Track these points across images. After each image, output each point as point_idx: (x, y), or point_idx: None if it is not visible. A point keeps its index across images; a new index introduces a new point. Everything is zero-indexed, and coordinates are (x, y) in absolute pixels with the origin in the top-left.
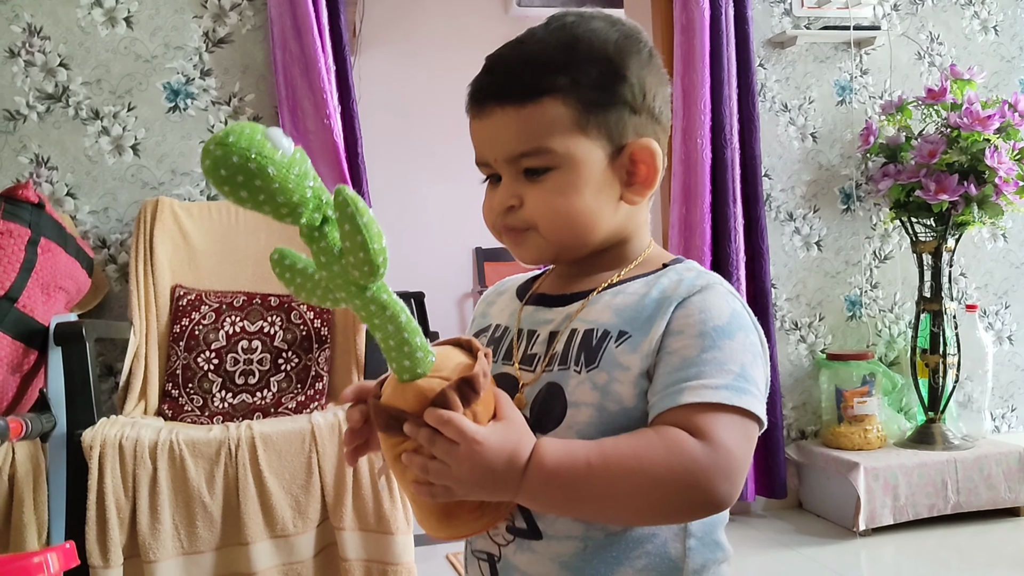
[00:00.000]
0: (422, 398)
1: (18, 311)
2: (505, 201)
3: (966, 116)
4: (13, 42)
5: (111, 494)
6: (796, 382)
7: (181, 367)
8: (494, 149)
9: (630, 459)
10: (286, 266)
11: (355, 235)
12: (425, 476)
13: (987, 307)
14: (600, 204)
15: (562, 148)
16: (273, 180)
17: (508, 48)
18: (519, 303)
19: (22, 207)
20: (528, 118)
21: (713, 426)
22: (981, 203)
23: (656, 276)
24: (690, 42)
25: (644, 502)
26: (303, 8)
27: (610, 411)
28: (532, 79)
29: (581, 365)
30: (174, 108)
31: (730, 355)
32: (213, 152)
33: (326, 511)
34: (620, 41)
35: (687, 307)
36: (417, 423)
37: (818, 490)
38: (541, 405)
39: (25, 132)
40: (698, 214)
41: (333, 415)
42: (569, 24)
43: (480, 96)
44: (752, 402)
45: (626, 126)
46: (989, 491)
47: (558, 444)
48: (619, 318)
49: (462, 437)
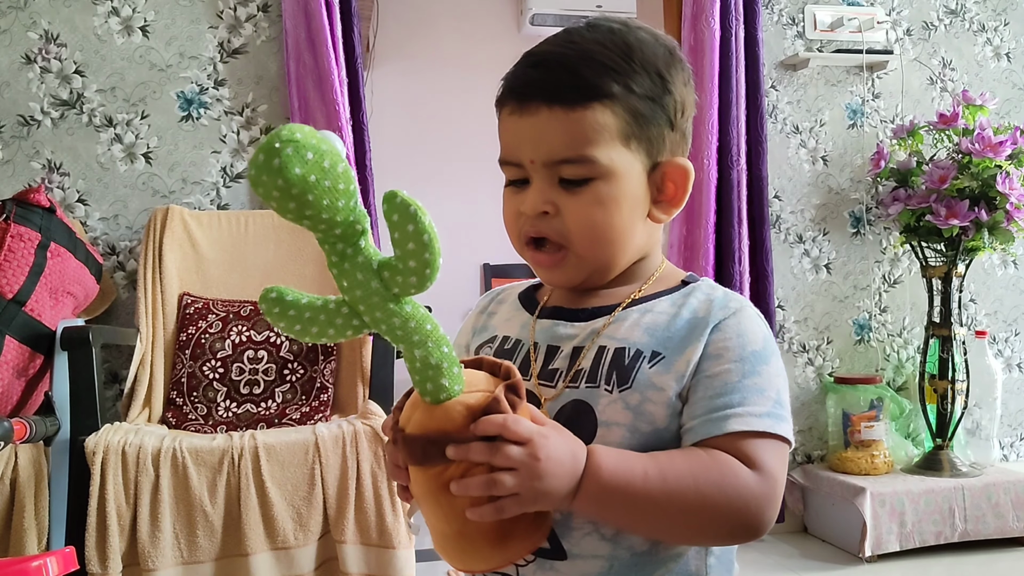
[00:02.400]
0: (468, 413)
1: (26, 315)
2: (539, 206)
3: (978, 142)
4: (30, 48)
5: (112, 500)
6: (803, 405)
7: (186, 375)
8: (534, 150)
9: (687, 477)
10: (288, 303)
11: (420, 235)
12: (489, 491)
13: (996, 334)
14: (633, 220)
15: (606, 159)
16: (340, 180)
17: (557, 45)
18: (528, 315)
19: (33, 211)
20: (577, 123)
21: (759, 453)
22: (992, 229)
23: (681, 295)
24: (699, 62)
25: (696, 521)
26: (318, 21)
27: (643, 432)
28: (588, 81)
29: (613, 384)
30: (187, 117)
31: (768, 381)
32: (282, 150)
33: (327, 524)
34: (667, 56)
35: (724, 331)
36: (464, 441)
37: (824, 515)
38: (568, 423)
39: (39, 138)
40: (701, 234)
41: (337, 427)
42: (617, 30)
43: (526, 91)
44: (787, 429)
45: (664, 142)
46: (997, 520)
47: (613, 452)
48: (651, 338)
49: (529, 435)
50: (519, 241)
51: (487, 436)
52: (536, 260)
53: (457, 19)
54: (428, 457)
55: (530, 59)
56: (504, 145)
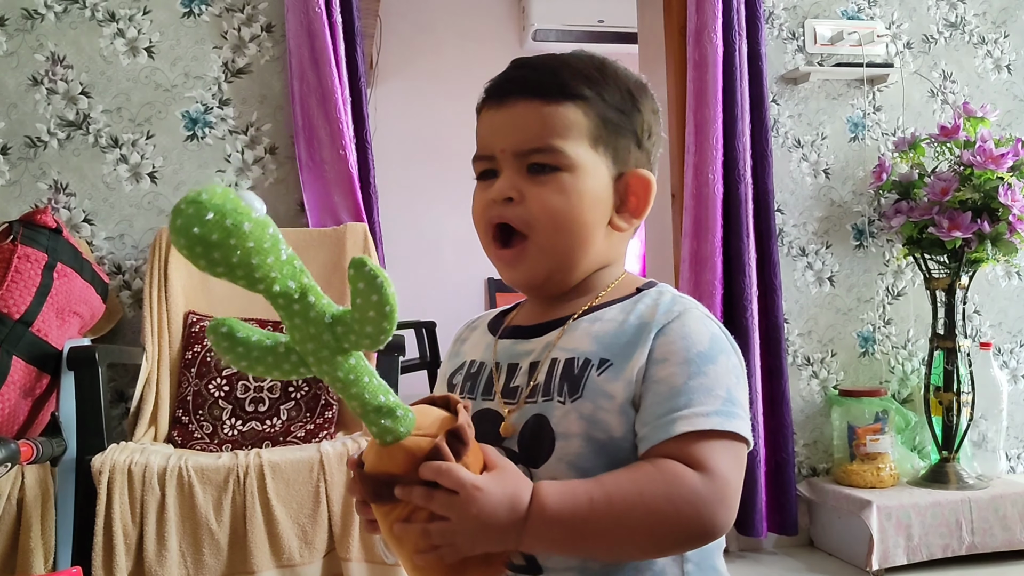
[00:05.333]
0: (411, 457)
1: (32, 335)
2: (504, 191)
3: (979, 154)
4: (36, 70)
5: (119, 520)
6: (808, 418)
7: (192, 393)
8: (506, 139)
9: (632, 496)
10: (237, 340)
11: (383, 306)
12: (426, 539)
13: (1001, 345)
14: (595, 219)
15: (572, 152)
16: (248, 238)
17: (537, 57)
18: (492, 337)
19: (40, 232)
20: (550, 115)
21: (707, 455)
22: (995, 240)
23: (632, 301)
24: (703, 78)
25: (648, 537)
26: (321, 40)
27: (599, 440)
28: (565, 81)
29: (565, 395)
30: (192, 137)
31: (715, 380)
32: (185, 211)
33: (333, 541)
34: (638, 83)
35: (668, 334)
36: (409, 483)
37: (830, 528)
38: (530, 437)
39: (45, 159)
40: (709, 249)
41: (342, 444)
42: (595, 55)
43: (504, 88)
44: (741, 425)
45: (630, 155)
46: (1004, 532)
47: (557, 485)
48: (599, 345)
49: (461, 486)
50: (486, 235)
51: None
52: (500, 256)
53: (459, 36)
54: (379, 496)
55: (513, 64)
56: (479, 139)
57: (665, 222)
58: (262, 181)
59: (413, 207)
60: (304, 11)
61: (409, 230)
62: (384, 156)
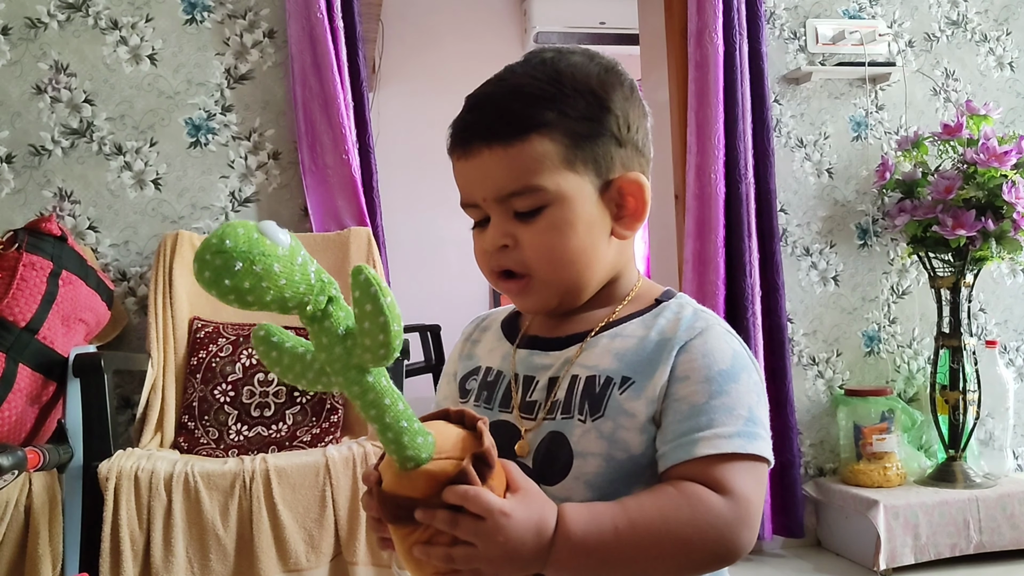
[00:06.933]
0: (433, 481)
1: (38, 342)
2: (497, 240)
3: (982, 152)
4: (40, 79)
5: (126, 526)
6: (814, 418)
7: (197, 399)
8: (483, 189)
9: (657, 522)
10: (273, 344)
11: (377, 316)
12: (449, 565)
13: (1007, 343)
14: (594, 240)
15: (552, 185)
16: (280, 277)
17: (490, 85)
18: (509, 345)
19: (45, 240)
20: (516, 156)
21: (729, 477)
22: (999, 238)
23: (652, 315)
24: (704, 78)
25: (672, 562)
26: (323, 46)
27: (618, 459)
28: (519, 114)
29: (586, 414)
30: (195, 143)
31: (737, 399)
32: (212, 262)
33: (339, 545)
34: (602, 75)
35: (690, 351)
36: (431, 507)
37: (837, 529)
38: (545, 455)
39: (49, 167)
40: (711, 249)
41: (348, 448)
42: (549, 60)
43: (465, 136)
44: (762, 446)
45: (613, 159)
46: (1012, 531)
47: (582, 510)
48: (620, 363)
49: (489, 512)
50: (491, 276)
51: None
52: (507, 289)
53: (461, 39)
54: (398, 518)
55: (467, 104)
56: (460, 189)
57: (668, 222)
58: (265, 186)
59: (416, 211)
60: (306, 16)
61: (413, 233)
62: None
